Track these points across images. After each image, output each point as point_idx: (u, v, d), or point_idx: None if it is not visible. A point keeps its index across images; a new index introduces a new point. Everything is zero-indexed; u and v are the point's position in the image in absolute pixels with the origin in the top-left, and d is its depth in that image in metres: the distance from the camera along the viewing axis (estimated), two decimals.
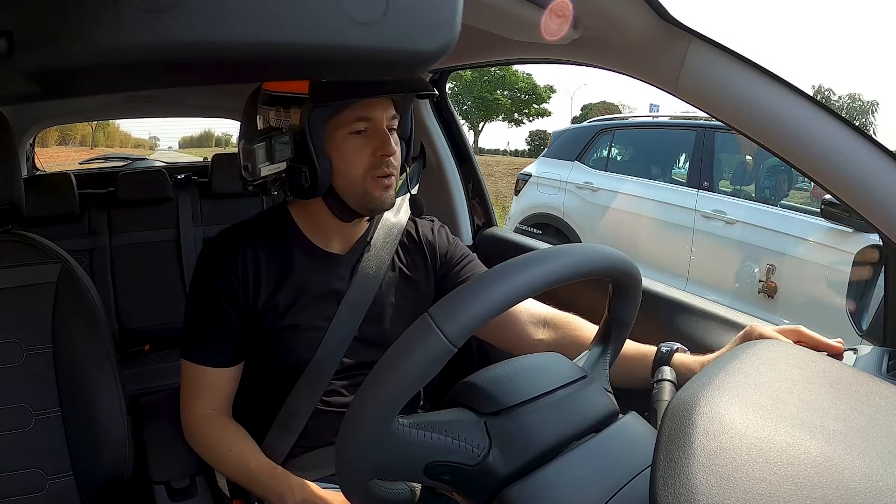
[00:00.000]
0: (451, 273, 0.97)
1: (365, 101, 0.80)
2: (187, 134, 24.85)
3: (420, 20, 0.25)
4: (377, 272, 0.90)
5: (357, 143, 0.81)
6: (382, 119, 0.82)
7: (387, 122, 0.83)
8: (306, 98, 0.77)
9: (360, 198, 0.83)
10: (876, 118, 28.01)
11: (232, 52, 0.22)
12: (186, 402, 0.87)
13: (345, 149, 0.81)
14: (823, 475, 0.35)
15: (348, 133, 0.81)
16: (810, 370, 0.46)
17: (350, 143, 0.81)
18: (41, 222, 1.80)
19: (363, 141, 0.81)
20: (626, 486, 0.50)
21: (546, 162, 4.44)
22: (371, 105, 0.80)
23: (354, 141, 0.81)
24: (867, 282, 0.84)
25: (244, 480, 0.83)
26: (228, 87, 1.92)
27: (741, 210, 3.17)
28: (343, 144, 0.81)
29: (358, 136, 0.81)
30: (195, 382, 0.86)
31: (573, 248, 0.54)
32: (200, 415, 0.86)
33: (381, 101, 0.82)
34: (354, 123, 0.81)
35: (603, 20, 0.80)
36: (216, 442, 0.85)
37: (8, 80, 0.23)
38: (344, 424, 0.48)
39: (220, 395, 0.87)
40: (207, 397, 0.86)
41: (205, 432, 0.86)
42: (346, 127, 0.81)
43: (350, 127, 0.81)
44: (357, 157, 0.81)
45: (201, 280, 0.86)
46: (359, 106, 0.80)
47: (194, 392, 0.86)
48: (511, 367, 0.58)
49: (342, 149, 0.81)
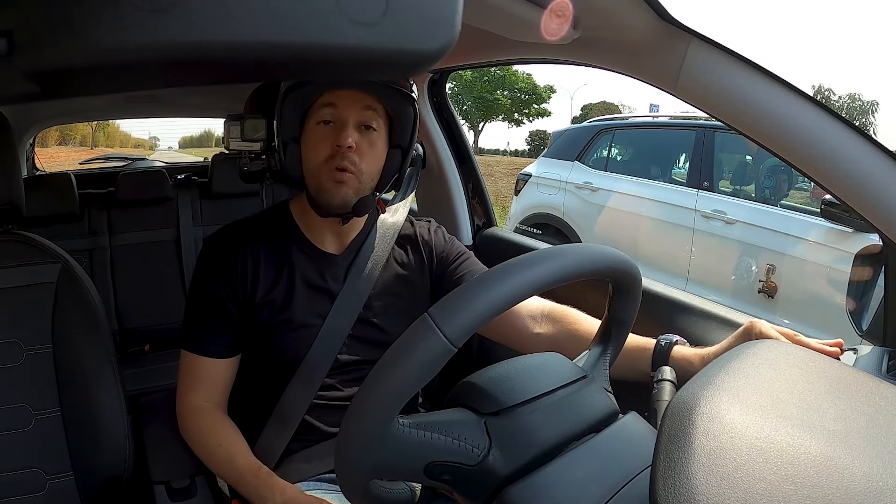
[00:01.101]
0: (448, 271, 0.97)
1: (332, 91, 0.81)
2: (187, 134, 24.87)
3: (420, 20, 0.25)
4: (372, 271, 0.91)
5: (321, 133, 0.82)
6: (349, 111, 0.82)
7: (357, 116, 0.82)
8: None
9: (315, 189, 0.84)
10: (876, 118, 28.04)
11: (232, 52, 0.22)
12: (182, 392, 0.88)
13: (311, 138, 0.83)
14: (823, 475, 0.35)
15: (316, 123, 0.83)
16: (810, 370, 0.46)
17: (315, 133, 0.83)
18: (41, 222, 1.80)
19: (327, 132, 0.82)
20: (626, 486, 0.50)
21: (546, 162, 4.43)
22: (339, 93, 0.82)
23: (320, 131, 0.83)
24: (867, 282, 0.84)
25: (229, 477, 0.83)
26: (228, 87, 1.92)
27: (741, 210, 3.17)
28: (310, 134, 0.83)
29: (325, 126, 0.82)
30: (192, 373, 0.87)
31: (573, 248, 0.54)
32: (194, 406, 0.86)
33: (351, 93, 0.82)
34: (321, 111, 0.82)
35: (603, 20, 0.80)
36: (207, 435, 0.85)
37: (8, 80, 0.23)
38: (344, 424, 0.48)
39: (216, 387, 0.87)
40: (203, 389, 0.87)
41: (196, 424, 0.86)
42: (315, 116, 0.82)
43: (318, 115, 0.82)
44: (319, 146, 0.82)
45: (202, 273, 0.88)
46: (329, 93, 0.81)
47: (190, 382, 0.87)
48: (511, 367, 0.59)
49: (308, 138, 0.83)
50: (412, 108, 0.86)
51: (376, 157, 0.85)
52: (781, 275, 2.88)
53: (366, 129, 0.84)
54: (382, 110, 0.85)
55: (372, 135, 0.84)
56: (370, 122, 0.84)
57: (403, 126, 0.87)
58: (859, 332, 0.81)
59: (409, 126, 0.87)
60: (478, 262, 1.00)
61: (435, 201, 1.54)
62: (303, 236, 0.91)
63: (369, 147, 0.84)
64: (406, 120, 0.87)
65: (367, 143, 0.84)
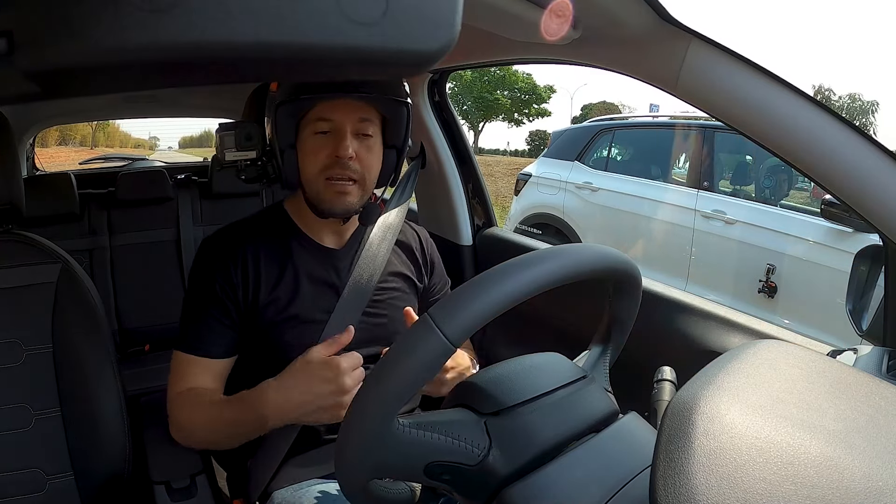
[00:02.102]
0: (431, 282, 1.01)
1: (327, 103, 0.81)
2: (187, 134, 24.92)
3: (420, 20, 0.25)
4: (374, 269, 0.91)
5: (318, 143, 0.83)
6: (345, 121, 0.82)
7: (352, 126, 0.83)
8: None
9: (314, 197, 0.85)
10: (876, 118, 28.05)
11: (232, 52, 0.22)
12: (170, 388, 0.85)
13: (307, 147, 0.83)
14: (823, 475, 0.35)
15: (313, 132, 0.83)
16: (810, 370, 0.46)
17: (311, 142, 0.83)
18: (41, 222, 1.80)
19: (325, 141, 0.83)
20: (626, 486, 0.50)
21: (546, 162, 4.43)
22: (333, 106, 0.82)
23: (316, 140, 0.83)
24: (867, 282, 0.84)
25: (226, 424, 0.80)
26: (228, 87, 1.92)
27: (741, 210, 3.17)
28: (306, 143, 0.83)
29: (322, 136, 0.83)
30: (182, 371, 0.85)
31: (573, 248, 0.54)
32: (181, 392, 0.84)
33: (347, 103, 0.82)
34: (317, 123, 0.82)
35: (603, 20, 0.80)
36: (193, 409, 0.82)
37: (8, 80, 0.23)
38: (344, 424, 0.48)
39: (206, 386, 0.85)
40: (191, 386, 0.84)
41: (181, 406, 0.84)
42: (311, 126, 0.83)
43: (314, 126, 0.83)
44: (315, 156, 0.83)
45: (199, 274, 0.87)
46: (323, 106, 0.82)
47: (180, 380, 0.85)
48: (511, 367, 0.59)
49: (304, 147, 0.83)
50: (405, 109, 0.87)
51: (375, 161, 0.86)
52: (781, 275, 2.88)
53: (363, 136, 0.84)
54: (376, 114, 0.86)
55: (369, 141, 0.85)
56: (366, 130, 0.84)
57: (397, 127, 0.87)
58: (859, 332, 0.81)
59: (403, 126, 0.88)
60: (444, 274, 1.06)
61: (435, 201, 1.54)
62: (302, 233, 0.91)
63: (367, 152, 0.85)
64: (399, 121, 0.87)
65: (365, 149, 0.84)
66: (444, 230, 1.53)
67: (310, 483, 0.86)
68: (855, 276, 0.84)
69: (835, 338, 1.72)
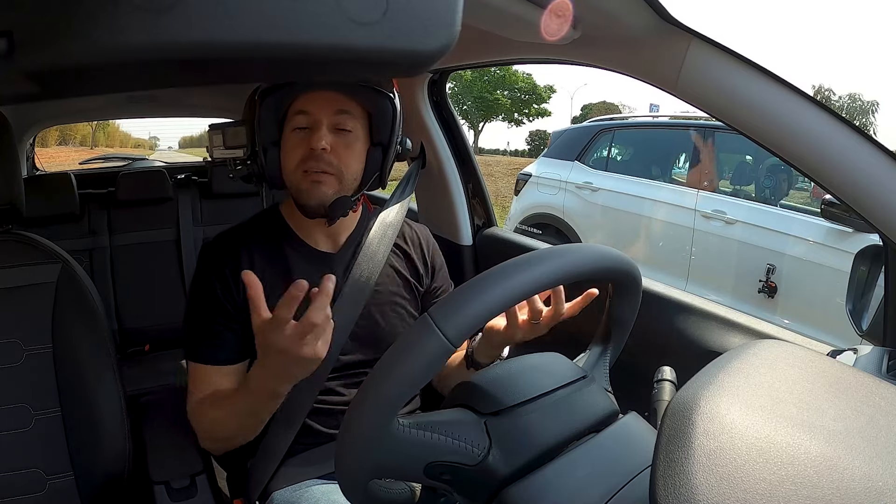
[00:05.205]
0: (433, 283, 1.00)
1: (305, 95, 0.82)
2: (187, 134, 24.91)
3: (420, 20, 0.25)
4: (372, 270, 0.90)
5: (297, 139, 0.84)
6: (320, 114, 0.82)
7: (329, 119, 0.83)
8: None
9: (294, 192, 0.86)
10: (876, 118, 28.05)
11: (232, 52, 0.22)
12: (190, 398, 0.86)
13: (287, 144, 0.84)
14: (823, 475, 0.35)
15: (292, 129, 0.84)
16: (810, 370, 0.46)
17: (292, 139, 0.84)
18: (41, 222, 1.80)
19: (303, 136, 0.83)
20: (626, 486, 0.50)
21: (546, 162, 4.43)
22: (310, 98, 0.82)
23: (296, 136, 0.84)
24: (867, 282, 0.84)
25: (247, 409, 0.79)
26: (228, 87, 1.92)
27: (741, 210, 3.17)
28: (287, 140, 0.84)
29: (301, 132, 0.84)
30: (200, 382, 0.85)
31: (573, 248, 0.54)
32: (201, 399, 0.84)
33: (324, 95, 0.82)
34: (295, 118, 0.83)
35: (603, 20, 0.80)
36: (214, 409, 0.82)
37: (8, 80, 0.23)
38: (344, 424, 0.48)
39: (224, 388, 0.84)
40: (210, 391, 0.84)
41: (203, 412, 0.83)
42: (291, 122, 0.84)
43: (293, 122, 0.84)
44: (294, 151, 0.84)
45: (200, 283, 0.86)
46: (302, 99, 0.83)
47: (198, 389, 0.85)
48: (511, 367, 0.59)
49: (286, 144, 0.84)
50: (390, 105, 0.86)
51: (355, 157, 0.85)
52: (781, 275, 2.88)
53: (341, 131, 0.84)
54: (360, 110, 0.85)
55: (348, 136, 0.84)
56: (344, 124, 0.84)
57: (382, 123, 0.86)
58: (859, 332, 0.81)
59: (388, 123, 0.87)
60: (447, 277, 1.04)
61: (435, 201, 1.54)
62: (296, 237, 0.91)
63: (346, 148, 0.84)
64: (384, 117, 0.86)
65: (343, 145, 0.84)
66: (444, 230, 1.53)
67: (309, 483, 0.86)
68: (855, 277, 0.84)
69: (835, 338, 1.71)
